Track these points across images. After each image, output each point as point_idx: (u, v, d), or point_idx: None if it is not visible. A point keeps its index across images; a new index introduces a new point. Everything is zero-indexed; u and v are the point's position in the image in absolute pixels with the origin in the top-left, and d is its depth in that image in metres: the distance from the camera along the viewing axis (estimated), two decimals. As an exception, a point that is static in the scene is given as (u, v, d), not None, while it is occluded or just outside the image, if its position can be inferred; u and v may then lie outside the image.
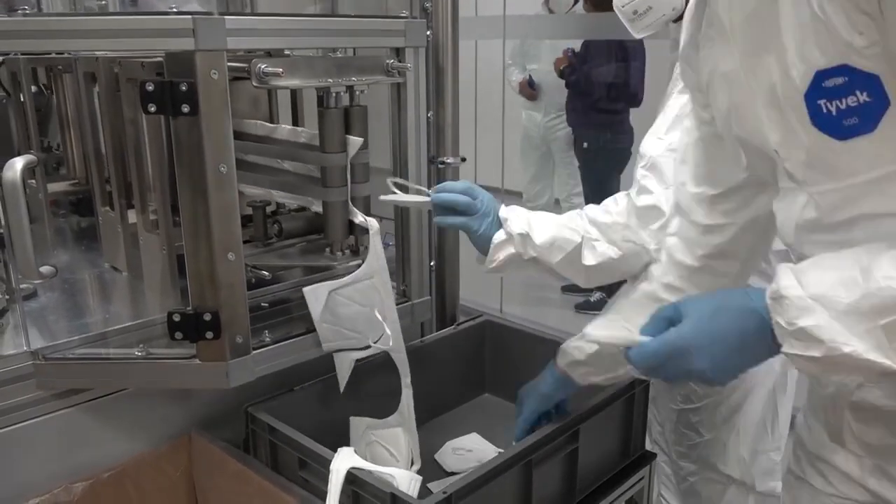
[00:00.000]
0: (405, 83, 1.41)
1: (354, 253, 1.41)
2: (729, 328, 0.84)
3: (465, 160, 1.69)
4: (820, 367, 0.77)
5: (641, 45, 3.80)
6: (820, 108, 0.76)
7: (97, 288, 1.56)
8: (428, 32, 1.52)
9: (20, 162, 1.13)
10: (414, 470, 1.39)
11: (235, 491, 1.25)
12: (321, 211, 1.40)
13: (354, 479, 1.10)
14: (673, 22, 1.40)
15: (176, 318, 1.18)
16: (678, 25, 1.04)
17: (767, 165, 0.89)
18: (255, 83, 1.17)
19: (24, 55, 1.66)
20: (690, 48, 1.00)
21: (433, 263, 1.67)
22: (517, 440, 1.28)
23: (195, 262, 1.17)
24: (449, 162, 1.66)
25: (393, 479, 1.10)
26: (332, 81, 1.27)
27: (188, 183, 1.14)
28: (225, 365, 1.21)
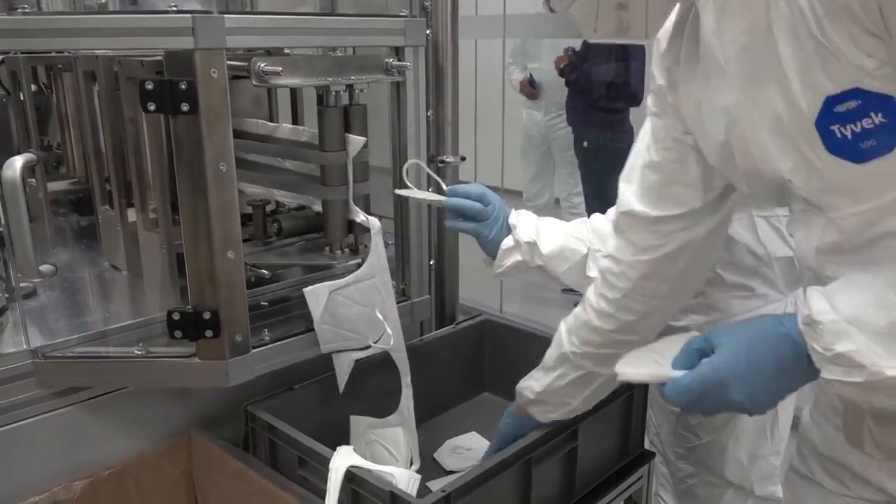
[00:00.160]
0: (405, 82, 1.41)
1: (354, 252, 1.41)
2: (764, 357, 0.82)
3: (464, 159, 1.69)
4: (862, 391, 0.76)
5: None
6: (834, 133, 0.75)
7: (97, 287, 1.56)
8: (427, 31, 1.52)
9: (20, 161, 1.13)
10: (413, 469, 1.39)
11: (235, 489, 1.25)
12: (321, 210, 1.40)
13: (354, 477, 1.10)
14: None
15: (175, 316, 1.18)
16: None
17: (774, 193, 0.88)
18: (254, 82, 1.17)
19: (23, 54, 1.66)
20: (667, 82, 0.99)
21: (433, 262, 1.67)
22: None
23: (195, 260, 1.17)
24: (449, 161, 1.66)
25: (392, 477, 1.10)
26: (331, 80, 1.27)
27: (188, 182, 1.14)
28: (224, 363, 1.21)
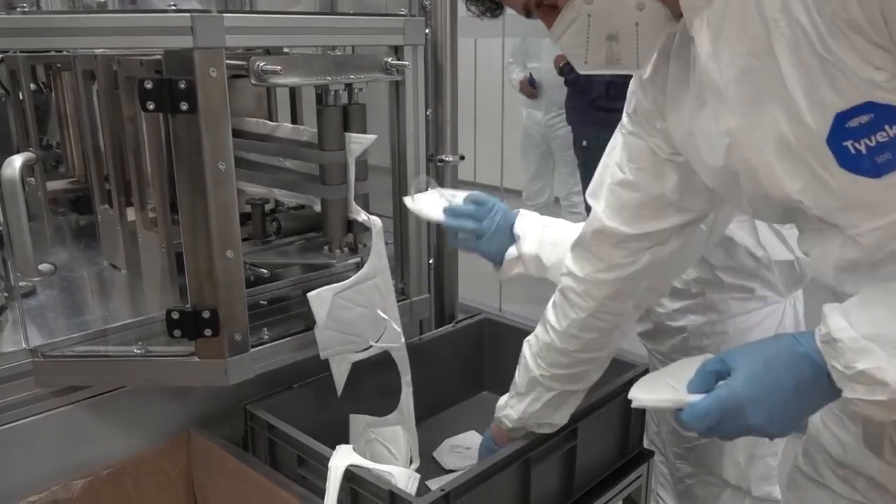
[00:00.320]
0: (404, 81, 1.41)
1: (353, 251, 1.41)
2: (783, 378, 0.80)
3: (463, 158, 1.69)
4: (887, 410, 0.74)
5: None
6: (847, 149, 0.73)
7: (96, 286, 1.56)
8: (427, 30, 1.52)
9: (19, 160, 1.13)
10: (413, 468, 1.40)
11: (234, 488, 1.25)
12: (321, 209, 1.40)
13: (353, 476, 1.10)
14: None
15: (175, 315, 1.18)
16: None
17: (779, 212, 0.87)
18: (253, 81, 1.17)
19: (23, 53, 1.66)
20: (654, 106, 0.97)
21: (432, 261, 1.67)
22: None
23: (194, 259, 1.17)
24: (448, 160, 1.66)
25: (391, 476, 1.10)
26: (330, 79, 1.27)
27: (187, 181, 1.14)
28: (224, 362, 1.21)
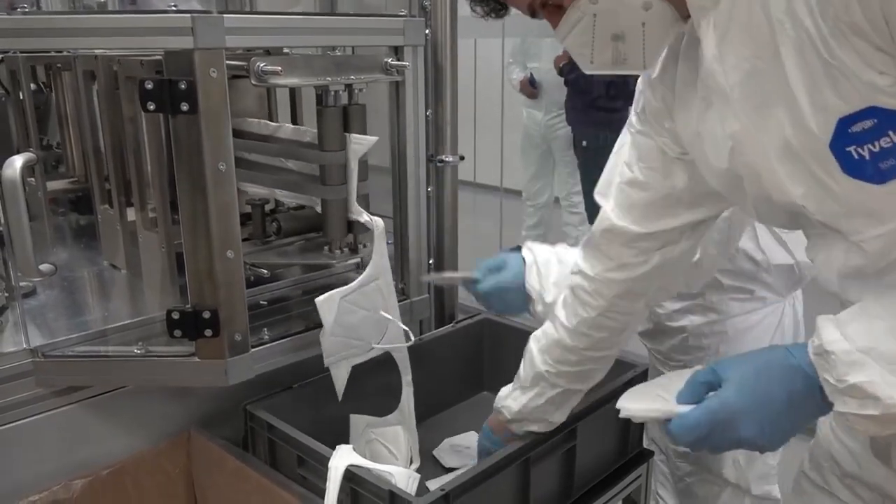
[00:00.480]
0: (404, 82, 1.42)
1: (353, 251, 1.41)
2: (774, 390, 0.79)
3: (463, 158, 1.69)
4: (878, 425, 0.73)
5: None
6: (850, 154, 0.72)
7: (96, 286, 1.56)
8: (427, 31, 1.52)
9: (20, 160, 1.13)
10: (413, 468, 1.40)
11: (234, 488, 1.25)
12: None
13: (353, 476, 1.10)
14: None
15: (175, 315, 1.18)
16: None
17: (784, 217, 0.86)
18: (253, 81, 1.17)
19: (23, 53, 1.66)
20: (663, 106, 0.96)
21: (432, 261, 1.67)
22: None
23: (194, 260, 1.17)
24: (448, 160, 1.66)
25: (391, 476, 1.10)
26: (330, 80, 1.27)
27: (187, 181, 1.14)
28: (224, 363, 1.21)
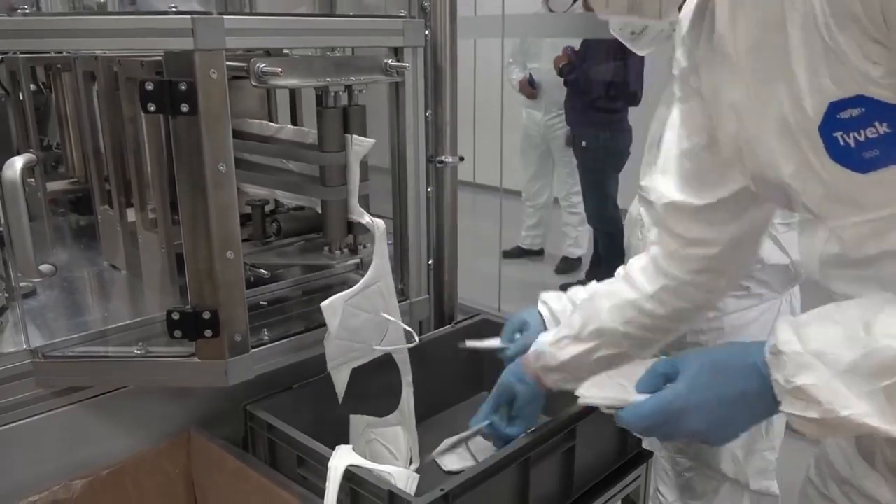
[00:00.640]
0: (403, 82, 1.42)
1: (353, 252, 1.41)
2: (727, 386, 0.80)
3: (463, 159, 1.69)
4: (818, 428, 0.73)
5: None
6: (837, 140, 0.71)
7: (96, 286, 1.56)
8: (426, 32, 1.53)
9: (20, 161, 1.14)
10: (413, 468, 1.40)
11: (234, 488, 1.25)
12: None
13: (352, 476, 1.10)
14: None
15: (175, 316, 1.18)
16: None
17: (781, 198, 0.84)
18: (253, 82, 1.17)
19: (23, 54, 1.66)
20: (689, 63, 0.94)
21: (431, 262, 1.67)
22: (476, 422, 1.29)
23: (194, 260, 1.17)
24: (447, 161, 1.66)
25: (391, 476, 1.10)
26: (330, 81, 1.27)
27: (187, 182, 1.14)
28: (224, 363, 1.21)
